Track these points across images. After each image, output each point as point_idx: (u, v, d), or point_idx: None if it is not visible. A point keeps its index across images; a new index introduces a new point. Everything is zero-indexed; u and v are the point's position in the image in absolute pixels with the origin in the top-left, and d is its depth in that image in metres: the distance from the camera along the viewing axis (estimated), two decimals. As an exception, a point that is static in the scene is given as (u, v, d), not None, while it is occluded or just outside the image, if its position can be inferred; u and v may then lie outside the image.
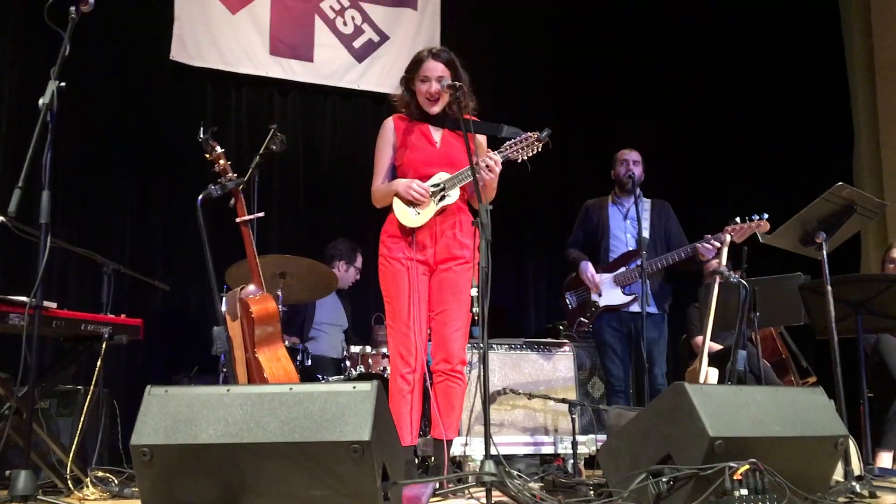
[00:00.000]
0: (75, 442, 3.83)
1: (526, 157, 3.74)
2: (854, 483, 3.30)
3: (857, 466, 3.61)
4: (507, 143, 3.76)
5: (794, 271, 5.01)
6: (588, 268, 5.17)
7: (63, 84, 3.21)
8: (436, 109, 3.87)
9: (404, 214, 3.78)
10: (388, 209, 3.89)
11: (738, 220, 4.80)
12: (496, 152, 3.75)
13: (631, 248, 5.14)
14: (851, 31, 7.99)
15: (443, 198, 3.77)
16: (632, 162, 5.24)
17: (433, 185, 3.78)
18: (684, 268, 5.14)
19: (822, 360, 4.85)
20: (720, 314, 4.72)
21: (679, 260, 5.00)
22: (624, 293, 5.09)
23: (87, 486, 3.59)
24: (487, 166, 3.68)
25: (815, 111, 7.82)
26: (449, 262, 3.80)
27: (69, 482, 3.60)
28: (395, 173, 3.92)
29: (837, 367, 3.87)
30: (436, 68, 3.83)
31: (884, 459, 4.83)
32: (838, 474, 3.33)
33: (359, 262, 5.94)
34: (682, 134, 7.54)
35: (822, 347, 4.77)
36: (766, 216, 4.75)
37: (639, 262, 4.91)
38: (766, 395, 2.91)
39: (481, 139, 3.94)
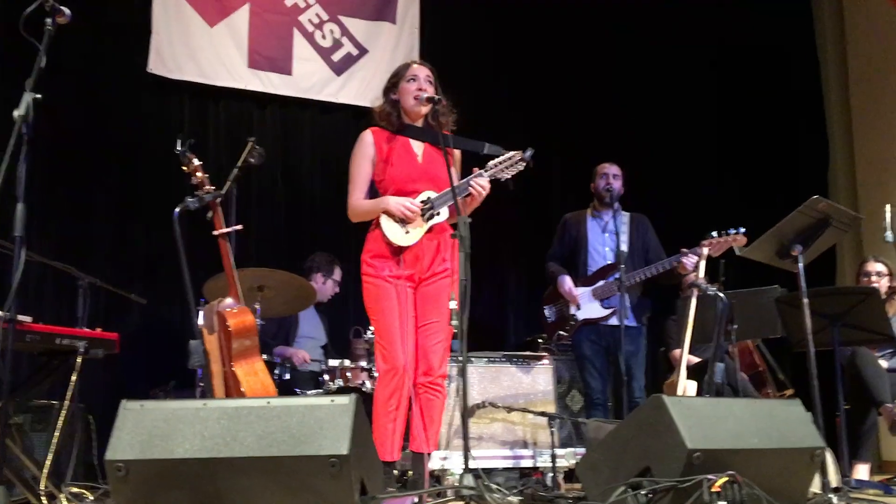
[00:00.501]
0: (49, 457, 3.78)
1: (510, 177, 3.76)
2: (831, 495, 3.32)
3: (834, 478, 3.63)
4: (493, 161, 3.75)
5: (770, 284, 5.05)
6: (566, 281, 5.19)
7: (39, 96, 3.18)
8: (424, 111, 3.85)
9: (393, 232, 3.74)
10: (368, 225, 3.87)
11: (714, 233, 4.83)
12: (483, 171, 3.74)
13: (609, 262, 5.17)
14: (826, 45, 8.08)
15: (431, 216, 3.76)
16: (611, 175, 5.27)
17: (422, 201, 3.77)
18: (662, 281, 5.17)
19: (799, 373, 4.88)
20: (698, 327, 4.74)
21: (657, 273, 5.03)
22: (602, 306, 5.11)
23: (62, 502, 3.55)
24: (479, 189, 3.69)
25: (790, 125, 7.90)
26: (432, 277, 3.80)
27: (43, 498, 3.55)
28: (373, 188, 3.90)
29: (814, 380, 3.90)
30: (424, 70, 3.87)
31: (860, 471, 4.85)
32: (815, 486, 3.34)
33: (337, 274, 5.92)
34: (660, 147, 7.58)
35: (798, 360, 4.80)
36: (742, 230, 4.78)
37: (617, 276, 4.93)
38: (744, 407, 2.92)
39: (458, 154, 3.94)
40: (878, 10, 7.48)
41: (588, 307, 5.14)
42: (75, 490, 3.75)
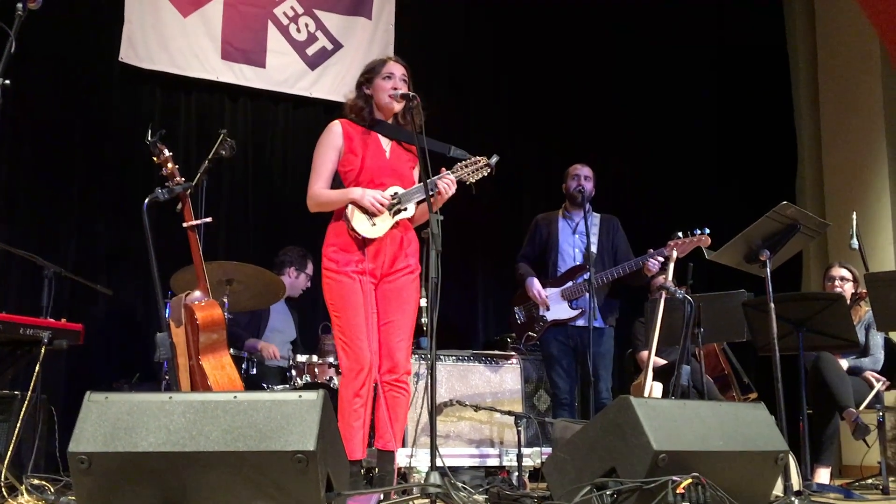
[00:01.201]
0: (11, 448, 3.73)
1: (474, 181, 3.79)
2: (793, 498, 3.36)
3: (796, 482, 3.67)
4: (459, 164, 3.78)
5: (737, 288, 5.09)
6: (534, 284, 5.20)
7: (8, 82, 3.14)
8: (397, 108, 3.83)
9: (361, 224, 3.72)
10: (328, 218, 3.85)
11: (680, 234, 4.87)
12: (450, 172, 3.75)
13: (578, 263, 5.19)
14: (797, 51, 8.17)
15: (398, 211, 3.75)
16: (583, 177, 5.29)
17: (391, 196, 3.76)
18: (630, 282, 5.20)
19: (764, 377, 4.93)
20: (665, 329, 4.77)
21: (625, 274, 5.06)
22: (571, 307, 5.13)
23: (22, 494, 3.50)
24: (445, 188, 3.69)
25: (760, 131, 7.98)
26: (395, 273, 3.78)
27: (3, 490, 3.51)
28: (337, 179, 3.87)
29: (779, 384, 3.93)
30: (400, 68, 3.85)
31: (822, 475, 4.91)
32: (778, 489, 3.38)
33: (309, 268, 5.90)
34: (630, 151, 7.64)
35: (763, 364, 4.85)
36: (707, 231, 4.83)
37: (586, 277, 4.96)
38: (710, 409, 2.94)
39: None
40: (849, 18, 7.57)
41: (556, 308, 5.16)
42: (36, 482, 3.69)
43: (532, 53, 7.50)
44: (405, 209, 3.76)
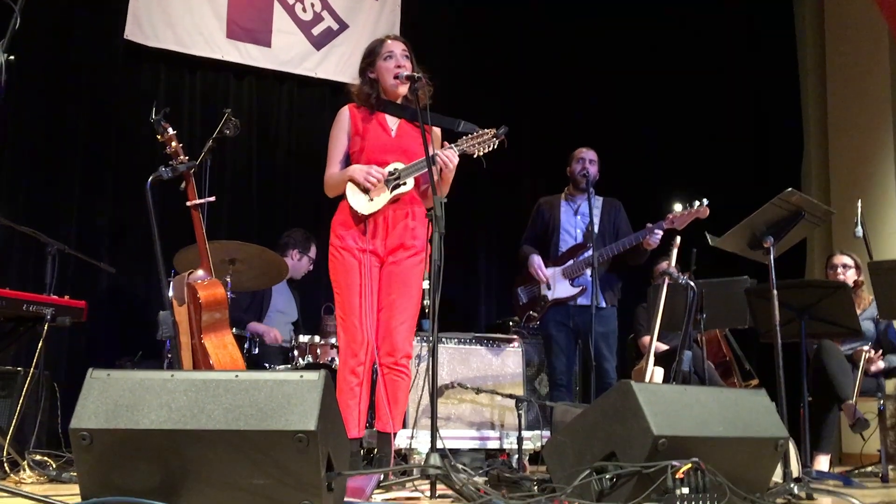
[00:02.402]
0: (13, 424, 3.75)
1: (481, 153, 3.77)
2: (792, 485, 3.36)
3: (795, 468, 3.67)
4: (464, 137, 3.77)
5: (740, 275, 5.08)
6: (535, 260, 5.20)
7: (12, 58, 3.13)
8: (403, 90, 3.83)
9: (358, 200, 3.73)
10: (340, 199, 3.86)
11: (678, 206, 4.87)
12: (453, 145, 3.75)
13: (579, 242, 5.18)
14: (805, 38, 8.13)
15: (397, 186, 3.75)
16: (588, 160, 5.28)
17: (388, 173, 3.76)
18: (630, 261, 5.19)
19: (765, 364, 4.92)
20: (667, 315, 4.77)
21: (624, 249, 5.04)
22: (572, 285, 5.11)
23: (24, 470, 3.52)
24: (445, 159, 3.68)
25: (766, 117, 7.94)
26: (399, 252, 3.78)
27: (6, 465, 3.53)
28: (349, 162, 3.88)
29: (780, 371, 3.93)
30: (399, 45, 3.85)
31: (821, 462, 4.92)
32: (777, 476, 3.38)
33: (312, 251, 5.90)
34: (634, 136, 7.61)
35: (765, 351, 4.85)
36: (706, 202, 4.83)
37: (587, 255, 4.95)
38: (711, 395, 2.94)
39: (437, 132, 3.93)
40: (857, 5, 7.52)
41: (558, 286, 5.15)
42: (38, 458, 3.71)
43: (539, 33, 7.48)
44: (403, 184, 3.75)
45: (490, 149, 3.78)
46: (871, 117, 7.41)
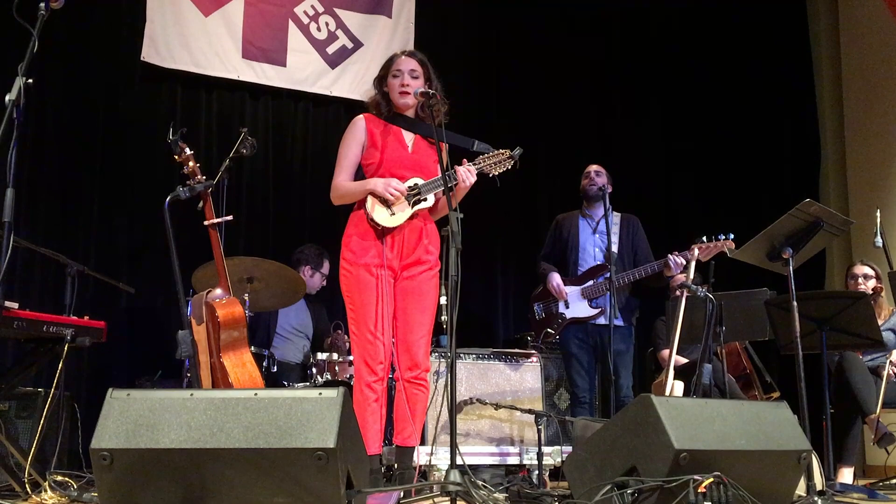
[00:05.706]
0: (34, 445, 3.76)
1: (497, 173, 3.81)
2: (816, 498, 3.33)
3: (819, 481, 3.64)
4: (482, 156, 3.82)
5: (760, 286, 5.06)
6: (554, 277, 5.21)
7: (31, 81, 3.16)
8: (409, 102, 3.86)
9: (379, 213, 3.74)
10: (350, 210, 3.87)
11: (704, 238, 4.88)
12: (472, 164, 3.77)
13: (599, 262, 5.19)
14: (820, 46, 8.08)
15: (418, 201, 3.76)
16: (594, 173, 5.34)
17: (409, 188, 3.77)
18: (650, 283, 5.20)
19: (786, 376, 4.89)
20: (686, 328, 4.75)
21: (646, 276, 5.05)
22: (591, 306, 5.12)
23: (46, 490, 3.53)
24: (464, 175, 3.70)
25: (783, 128, 7.91)
26: (413, 268, 3.79)
27: (27, 486, 3.54)
28: (359, 172, 3.90)
29: (802, 383, 3.90)
30: (408, 63, 3.87)
31: (845, 475, 4.87)
32: (800, 489, 3.35)
33: (325, 268, 5.91)
34: (651, 150, 7.60)
35: (786, 363, 4.82)
36: (731, 236, 4.84)
37: (607, 276, 4.95)
38: (732, 408, 2.92)
39: (445, 148, 3.95)
40: (872, 11, 7.49)
41: (576, 306, 5.15)
42: (59, 478, 3.72)
43: (552, 50, 7.48)
44: (424, 199, 3.77)
45: (505, 169, 3.85)
46: (889, 125, 7.36)
